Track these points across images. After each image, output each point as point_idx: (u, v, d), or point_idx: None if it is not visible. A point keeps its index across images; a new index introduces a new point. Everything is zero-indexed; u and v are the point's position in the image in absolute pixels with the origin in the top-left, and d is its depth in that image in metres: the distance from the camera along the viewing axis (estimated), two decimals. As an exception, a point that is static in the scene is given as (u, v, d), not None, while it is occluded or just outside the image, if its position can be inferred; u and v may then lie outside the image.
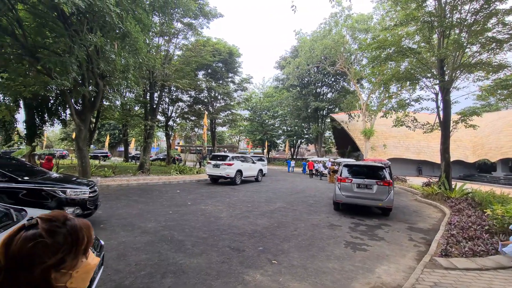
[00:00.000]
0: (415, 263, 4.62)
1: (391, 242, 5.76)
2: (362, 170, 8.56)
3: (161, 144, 51.09)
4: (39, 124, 16.55)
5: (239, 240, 5.38)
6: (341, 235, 6.11)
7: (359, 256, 4.83)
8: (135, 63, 11.36)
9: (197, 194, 11.12)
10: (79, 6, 7.31)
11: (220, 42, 26.56)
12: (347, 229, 6.65)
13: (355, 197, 8.11)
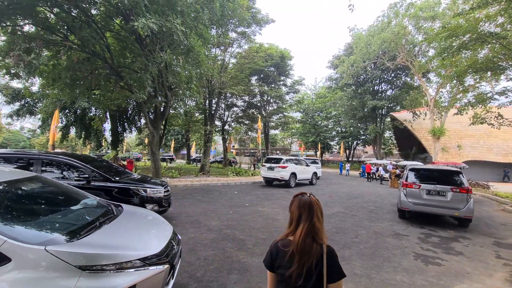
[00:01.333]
0: (508, 285, 3.97)
1: (472, 258, 5.05)
2: (433, 175, 7.68)
3: (217, 147, 54.11)
4: (121, 131, 19.34)
5: (297, 243, 5.40)
6: (409, 245, 5.60)
7: (432, 271, 4.37)
8: (197, 74, 12.38)
9: (253, 195, 11.48)
10: (153, 29, 8.33)
11: (272, 47, 26.96)
12: (415, 239, 6.06)
13: (425, 205, 7.32)
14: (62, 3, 8.41)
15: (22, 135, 55.89)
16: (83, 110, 18.68)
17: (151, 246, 2.48)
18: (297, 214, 1.53)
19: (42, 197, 2.94)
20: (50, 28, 8.99)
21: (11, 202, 2.50)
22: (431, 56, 18.88)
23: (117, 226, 2.74)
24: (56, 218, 2.61)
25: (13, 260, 1.78)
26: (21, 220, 2.27)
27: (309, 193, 1.61)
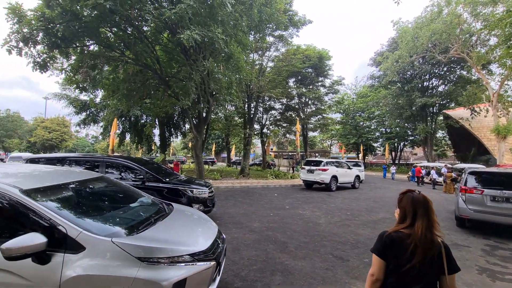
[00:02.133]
0: None
1: (552, 275, 4.33)
2: (499, 179, 6.77)
3: (256, 150, 54.80)
4: (168, 136, 20.82)
5: (341, 249, 5.22)
6: (471, 258, 5.02)
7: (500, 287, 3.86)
8: (237, 79, 12.78)
9: (293, 198, 11.37)
10: (196, 39, 8.84)
11: (309, 48, 26.55)
12: (479, 251, 5.40)
13: (489, 213, 6.47)
14: (120, 23, 9.41)
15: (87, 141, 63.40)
16: (136, 118, 20.58)
17: (199, 243, 2.63)
18: (412, 210, 1.68)
19: (107, 195, 3.31)
20: (110, 46, 10.15)
21: (83, 199, 2.88)
22: (492, 45, 16.72)
23: (169, 223, 2.95)
24: (118, 213, 2.93)
25: (86, 249, 2.04)
26: (91, 214, 2.57)
27: (417, 191, 1.78)
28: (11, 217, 2.24)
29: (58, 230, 2.06)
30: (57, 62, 10.23)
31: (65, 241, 2.04)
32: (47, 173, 3.09)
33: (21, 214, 2.16)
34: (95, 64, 9.88)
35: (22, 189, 2.27)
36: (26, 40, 7.94)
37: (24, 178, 2.68)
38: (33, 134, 48.90)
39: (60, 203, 2.41)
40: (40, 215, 2.12)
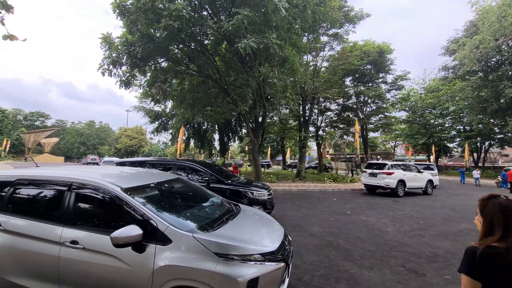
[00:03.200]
0: None
1: None
2: None
3: (311, 153, 53.41)
4: (227, 141, 21.96)
5: (415, 262, 4.64)
6: None
7: None
8: (292, 82, 12.74)
9: (354, 203, 10.67)
10: (252, 47, 9.15)
11: (368, 43, 24.74)
12: None
13: None
14: (185, 40, 10.40)
15: (159, 146, 71.47)
16: (199, 125, 22.34)
17: (268, 243, 2.66)
18: (502, 219, 1.43)
19: (183, 194, 3.61)
20: (177, 61, 11.30)
21: (165, 197, 3.20)
22: None
23: (239, 222, 3.06)
24: (194, 211, 3.18)
25: (173, 242, 2.28)
26: (173, 211, 2.80)
27: (503, 196, 1.52)
28: (114, 210, 2.60)
29: (150, 224, 2.34)
30: (137, 79, 11.90)
31: (156, 234, 2.31)
32: (135, 174, 3.52)
33: (121, 208, 2.50)
34: (166, 78, 11.14)
35: (122, 187, 2.60)
36: (114, 63, 9.48)
37: (118, 178, 3.02)
38: (119, 142, 57.80)
39: (149, 200, 2.70)
40: (136, 210, 2.43)
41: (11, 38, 5.02)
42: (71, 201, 2.60)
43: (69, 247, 2.40)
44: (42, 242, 2.49)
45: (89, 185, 2.65)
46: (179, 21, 8.23)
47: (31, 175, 2.96)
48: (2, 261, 2.56)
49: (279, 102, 13.99)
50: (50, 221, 2.58)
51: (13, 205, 2.85)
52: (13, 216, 2.71)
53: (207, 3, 10.00)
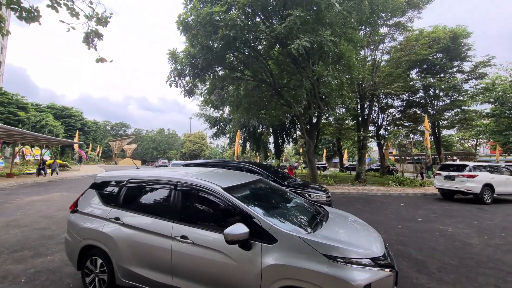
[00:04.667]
0: None
1: None
2: None
3: (371, 154, 49.37)
4: (281, 143, 21.93)
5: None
6: None
7: None
8: (348, 80, 12.01)
9: (427, 210, 9.38)
10: (305, 46, 8.97)
11: (437, 29, 21.66)
12: None
13: None
14: (240, 47, 10.82)
15: (218, 150, 75.96)
16: (254, 128, 22.93)
17: (374, 248, 2.46)
18: None
19: (269, 195, 3.51)
20: (233, 68, 11.85)
21: (256, 197, 3.16)
22: None
23: (335, 224, 2.89)
24: (285, 211, 3.04)
25: (279, 241, 2.26)
26: (267, 211, 2.74)
27: None
28: (218, 208, 2.71)
29: (254, 223, 2.37)
30: (198, 88, 12.91)
31: (261, 233, 2.33)
32: (226, 174, 3.61)
33: (224, 207, 2.61)
34: (223, 85, 11.79)
35: (222, 186, 2.70)
36: (179, 74, 10.49)
37: (214, 178, 3.03)
38: (184, 146, 63.56)
39: (247, 200, 2.73)
40: (239, 209, 2.50)
41: (101, 60, 6.01)
42: (178, 199, 2.81)
43: (180, 242, 2.57)
44: (156, 236, 2.70)
45: (193, 184, 2.82)
46: (234, 30, 8.61)
47: (140, 176, 3.26)
48: (123, 252, 2.83)
49: (334, 102, 13.34)
50: (162, 217, 2.79)
51: (127, 202, 3.12)
52: (129, 212, 2.99)
53: (259, 9, 10.21)
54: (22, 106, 34.43)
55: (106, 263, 2.96)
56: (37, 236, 5.45)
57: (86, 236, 3.11)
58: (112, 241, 2.89)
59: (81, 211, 3.33)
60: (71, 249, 3.25)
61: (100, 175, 3.63)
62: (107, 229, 2.97)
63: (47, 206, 8.79)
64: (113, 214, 3.04)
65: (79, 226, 3.20)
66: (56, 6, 5.68)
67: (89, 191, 3.47)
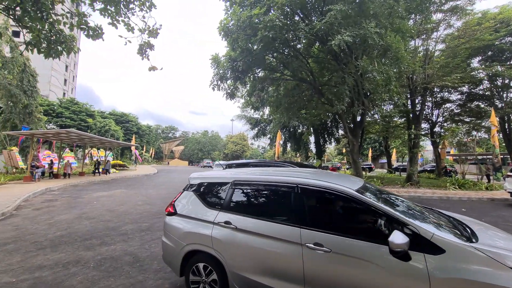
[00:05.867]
0: None
1: None
2: None
3: (425, 154, 44.76)
4: (322, 143, 21.21)
5: None
6: None
7: None
8: (396, 73, 11.07)
9: (495, 217, 8.13)
10: (347, 41, 8.51)
11: (505, 10, 18.62)
12: None
13: None
14: (279, 48, 10.78)
15: (258, 151, 76.96)
16: (294, 128, 22.63)
17: None
18: None
19: (385, 199, 2.80)
20: (273, 69, 11.85)
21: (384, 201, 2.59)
22: None
23: (483, 231, 2.53)
24: (424, 217, 2.54)
25: (447, 252, 1.95)
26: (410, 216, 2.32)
27: None
28: (356, 213, 2.51)
29: (410, 230, 2.08)
30: (239, 91, 13.21)
31: (420, 241, 2.02)
32: (337, 176, 3.09)
33: (363, 211, 2.37)
34: (263, 87, 11.85)
35: (353, 189, 2.41)
36: (221, 78, 10.89)
37: (335, 179, 2.68)
38: (226, 148, 65.89)
39: (386, 204, 2.38)
40: (386, 214, 2.20)
41: (153, 68, 6.53)
42: (302, 203, 2.53)
43: (312, 249, 2.29)
44: (279, 242, 2.45)
45: (319, 187, 2.53)
46: (273, 30, 8.61)
47: (248, 178, 3.03)
48: (238, 259, 2.62)
49: (381, 98, 12.37)
50: (283, 221, 2.55)
51: (237, 205, 2.91)
52: (240, 216, 2.75)
53: (298, 8, 10.04)
54: (90, 113, 39.47)
55: (216, 269, 2.77)
56: (103, 227, 6.14)
57: (192, 241, 2.92)
58: (224, 247, 2.70)
59: (181, 214, 3.16)
60: (172, 254, 3.09)
61: (194, 176, 3.44)
62: (217, 234, 2.76)
63: (110, 201, 9.87)
64: (222, 217, 2.83)
65: (181, 230, 3.03)
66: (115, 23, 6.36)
67: (186, 193, 3.33)
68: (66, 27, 6.36)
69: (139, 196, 11.16)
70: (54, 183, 14.19)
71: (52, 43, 6.17)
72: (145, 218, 7.19)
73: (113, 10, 6.28)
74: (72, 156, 23.97)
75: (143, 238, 5.38)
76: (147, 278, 3.60)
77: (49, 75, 45.38)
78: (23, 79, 19.77)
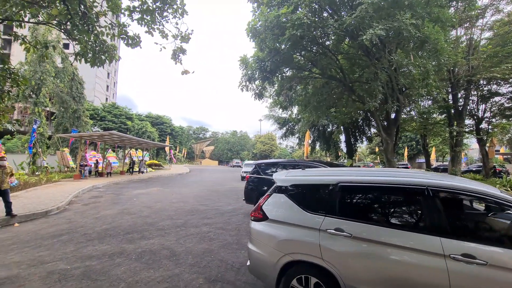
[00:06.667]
0: None
1: None
2: None
3: (469, 153, 40.83)
4: (354, 142, 20.38)
5: None
6: None
7: None
8: (435, 66, 10.25)
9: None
10: (380, 35, 8.07)
11: None
12: None
13: None
14: (307, 45, 10.58)
15: (287, 150, 76.43)
16: (323, 127, 22.06)
17: None
18: None
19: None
20: (301, 68, 11.67)
21: None
22: None
23: None
24: None
25: None
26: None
27: None
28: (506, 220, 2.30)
29: None
30: (267, 91, 13.21)
31: None
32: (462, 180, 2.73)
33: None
34: (291, 86, 11.70)
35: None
36: (250, 79, 10.99)
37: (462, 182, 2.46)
38: (255, 147, 66.46)
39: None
40: None
41: (186, 72, 6.80)
42: (437, 208, 2.22)
43: (461, 262, 2.01)
44: (412, 252, 2.15)
45: (459, 190, 2.27)
46: (301, 29, 8.47)
47: (356, 179, 2.67)
48: (359, 271, 2.30)
49: (417, 93, 11.53)
50: (413, 229, 2.29)
51: (349, 210, 2.61)
52: (354, 222, 2.43)
53: (326, 4, 9.76)
54: (129, 116, 42.32)
55: (326, 283, 2.43)
56: (142, 223, 6.54)
57: (293, 250, 2.57)
58: (338, 257, 2.36)
59: (274, 220, 2.81)
60: (265, 265, 2.73)
61: (284, 178, 3.07)
62: (328, 242, 2.42)
63: (148, 198, 10.49)
64: (330, 224, 2.48)
65: (277, 238, 2.69)
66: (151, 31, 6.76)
67: (277, 196, 2.95)
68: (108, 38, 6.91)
69: (174, 194, 11.71)
70: (99, 181, 15.48)
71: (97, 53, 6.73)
72: (179, 215, 7.53)
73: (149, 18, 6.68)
74: (114, 156, 25.90)
75: (178, 234, 5.63)
76: (182, 272, 3.76)
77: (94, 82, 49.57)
78: (72, 86, 21.86)
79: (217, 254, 4.50)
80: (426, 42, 8.92)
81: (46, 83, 18.17)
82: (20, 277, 3.55)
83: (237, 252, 4.62)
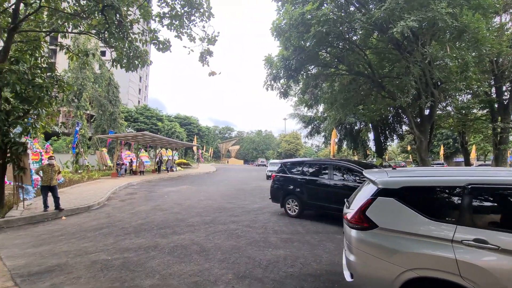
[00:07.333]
0: None
1: None
2: None
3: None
4: (383, 140, 19.40)
5: None
6: None
7: None
8: (475, 58, 9.39)
9: None
10: (412, 27, 7.58)
11: None
12: None
13: None
14: (333, 42, 10.28)
15: (312, 149, 75.01)
16: (351, 125, 21.28)
17: None
18: None
19: None
20: (326, 65, 11.35)
21: None
22: None
23: None
24: None
25: None
26: None
27: None
28: None
29: None
30: (292, 89, 13.05)
31: None
32: None
33: None
34: (317, 83, 11.45)
35: None
36: (274, 78, 10.95)
37: None
38: (280, 147, 66.18)
39: None
40: None
41: (213, 73, 6.99)
42: None
43: None
44: None
45: None
46: (326, 25, 8.24)
47: (493, 179, 2.31)
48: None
49: (455, 87, 10.64)
50: None
51: (486, 216, 2.30)
52: (499, 231, 2.07)
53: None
54: (159, 118, 44.39)
55: None
56: (173, 219, 6.85)
57: (418, 265, 2.20)
58: (482, 274, 1.98)
59: (386, 229, 2.42)
60: (380, 281, 2.38)
61: (391, 179, 2.60)
62: (467, 257, 2.04)
63: (178, 195, 10.94)
64: (465, 234, 2.11)
65: (395, 250, 2.32)
66: (180, 35, 7.02)
67: (384, 201, 2.50)
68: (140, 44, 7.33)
69: (202, 192, 12.08)
70: (133, 179, 16.45)
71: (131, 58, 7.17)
72: (207, 212, 7.75)
73: (177, 23, 6.97)
74: (146, 156, 27.34)
75: (207, 230, 5.81)
76: (212, 267, 3.87)
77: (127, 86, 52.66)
78: (109, 91, 23.48)
79: (244, 251, 4.56)
80: (465, 31, 8.19)
81: (86, 88, 19.72)
82: (68, 265, 3.90)
83: (264, 250, 4.64)
